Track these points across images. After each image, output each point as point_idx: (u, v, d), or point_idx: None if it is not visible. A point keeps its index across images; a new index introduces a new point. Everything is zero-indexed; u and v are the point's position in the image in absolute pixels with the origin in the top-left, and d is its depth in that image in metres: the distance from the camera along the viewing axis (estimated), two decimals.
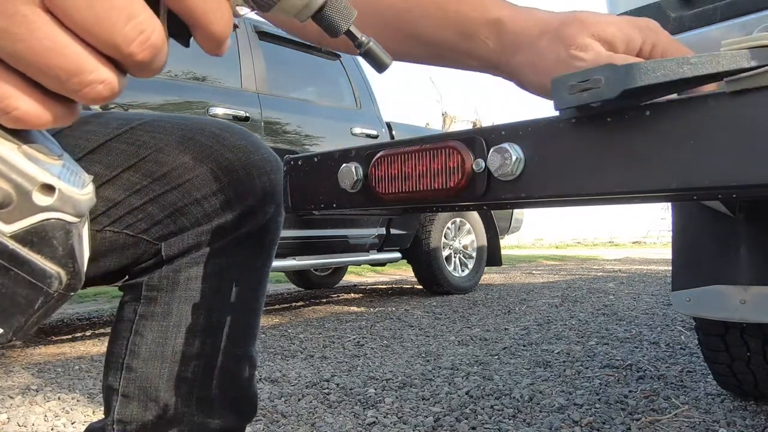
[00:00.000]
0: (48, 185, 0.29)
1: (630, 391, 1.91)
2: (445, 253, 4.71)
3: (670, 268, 1.41)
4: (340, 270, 5.90)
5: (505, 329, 3.16)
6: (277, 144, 3.61)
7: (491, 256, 5.16)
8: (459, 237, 4.93)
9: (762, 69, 0.31)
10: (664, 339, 2.75)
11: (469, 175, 0.40)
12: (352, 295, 5.25)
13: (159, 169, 0.65)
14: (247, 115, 3.44)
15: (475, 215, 4.98)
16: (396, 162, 0.44)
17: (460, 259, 4.95)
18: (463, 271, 4.95)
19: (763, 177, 0.30)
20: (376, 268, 7.37)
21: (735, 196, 0.81)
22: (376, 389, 2.00)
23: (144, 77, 0.29)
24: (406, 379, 2.12)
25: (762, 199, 1.06)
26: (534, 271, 7.94)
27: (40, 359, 2.67)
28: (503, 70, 0.52)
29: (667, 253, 12.20)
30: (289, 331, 3.29)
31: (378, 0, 0.56)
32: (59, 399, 1.99)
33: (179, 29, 0.29)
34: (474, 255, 4.99)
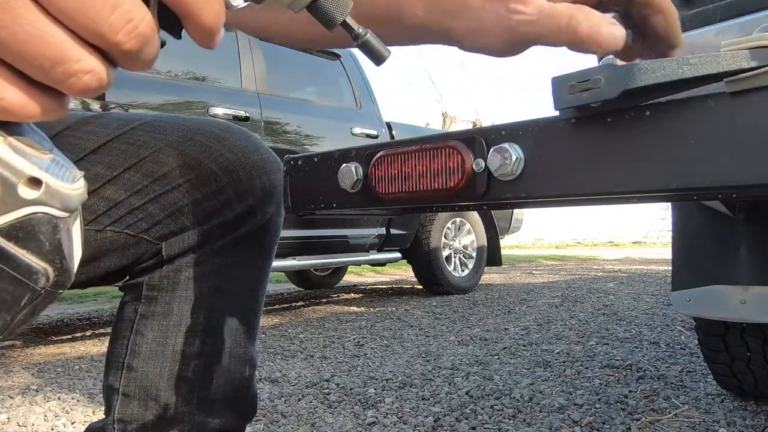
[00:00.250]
0: (34, 178, 0.28)
1: (630, 391, 1.90)
2: (445, 253, 4.71)
3: (670, 268, 1.41)
4: (340, 270, 5.90)
5: (505, 329, 3.16)
6: (277, 144, 3.61)
7: (491, 256, 5.16)
8: (459, 237, 4.93)
9: (762, 69, 0.31)
10: (664, 339, 2.75)
11: (469, 175, 0.40)
12: (352, 295, 5.24)
13: (159, 169, 0.65)
14: (247, 115, 3.44)
15: (475, 215, 4.97)
16: (396, 162, 0.44)
17: (460, 259, 4.94)
18: (463, 271, 4.95)
19: (763, 177, 0.30)
20: (376, 268, 7.37)
21: (735, 196, 0.81)
22: (376, 389, 2.00)
23: (134, 69, 0.28)
24: (406, 379, 2.12)
25: (762, 199, 1.06)
26: (534, 271, 7.93)
27: (40, 359, 2.67)
28: (442, 36, 0.47)
29: (667, 253, 12.19)
30: (289, 331, 3.29)
31: None
32: (59, 399, 1.99)
33: (171, 21, 0.28)
34: (474, 255, 4.99)
